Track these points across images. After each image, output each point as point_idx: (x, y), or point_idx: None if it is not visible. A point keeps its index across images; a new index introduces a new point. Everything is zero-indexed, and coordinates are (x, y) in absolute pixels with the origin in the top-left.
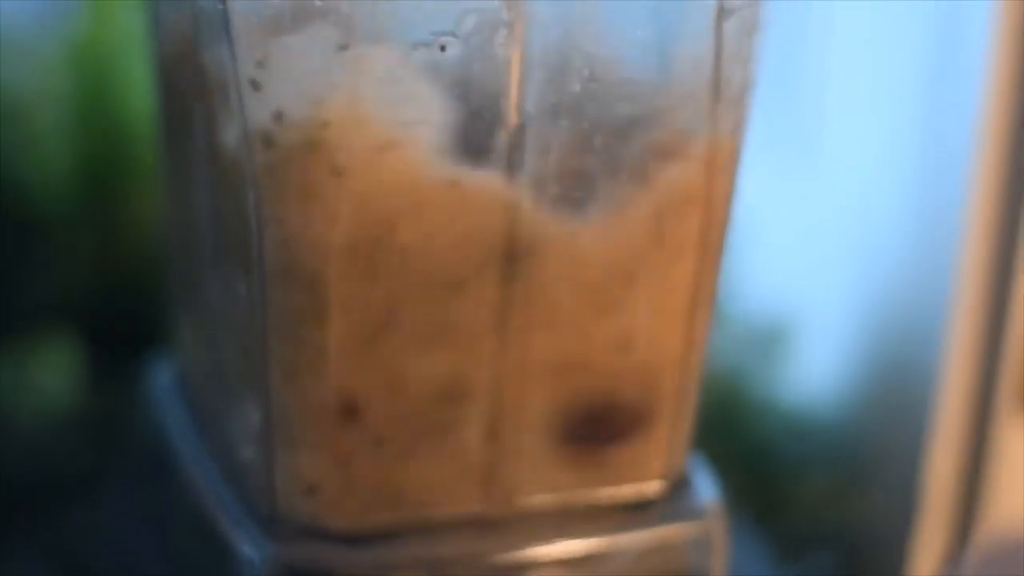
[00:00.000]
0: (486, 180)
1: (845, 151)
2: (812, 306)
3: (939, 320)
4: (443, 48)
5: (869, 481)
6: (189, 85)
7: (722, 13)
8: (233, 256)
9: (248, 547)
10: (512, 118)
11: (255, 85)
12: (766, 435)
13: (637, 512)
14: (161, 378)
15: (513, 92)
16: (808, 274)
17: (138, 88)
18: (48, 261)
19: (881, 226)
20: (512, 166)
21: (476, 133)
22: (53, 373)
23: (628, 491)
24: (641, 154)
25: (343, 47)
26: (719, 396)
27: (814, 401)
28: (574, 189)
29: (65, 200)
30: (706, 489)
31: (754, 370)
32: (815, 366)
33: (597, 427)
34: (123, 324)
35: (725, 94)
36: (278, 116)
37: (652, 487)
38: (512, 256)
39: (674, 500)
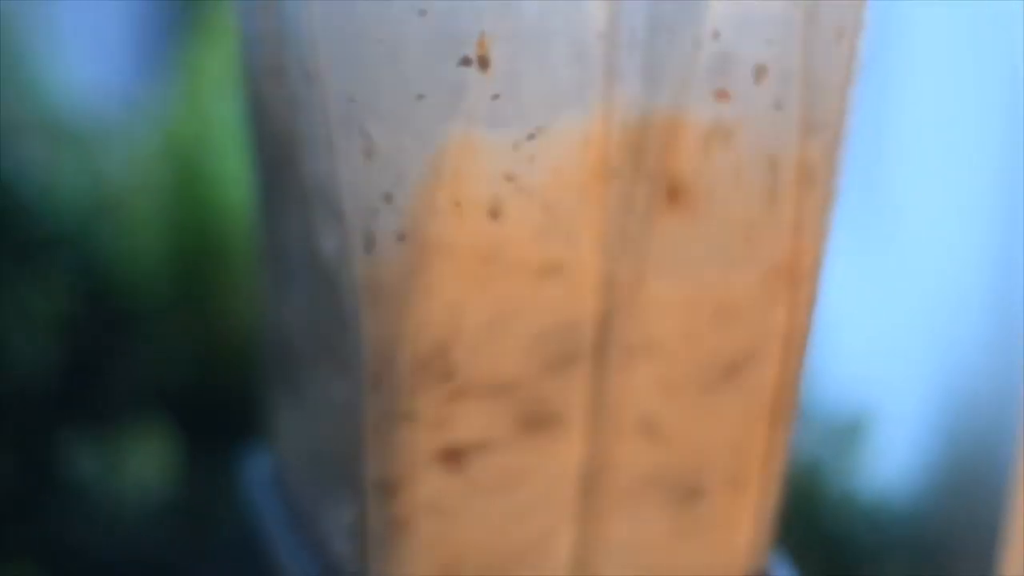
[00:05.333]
0: None
1: (923, 243)
2: (889, 397)
3: (1015, 410)
4: None
5: (946, 572)
6: (288, 190)
7: None
8: (329, 359)
9: None
10: None
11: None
12: (844, 527)
13: None
14: (257, 470)
15: None
16: (885, 366)
17: (231, 179)
18: (143, 350)
19: (958, 318)
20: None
21: None
22: (147, 462)
23: None
24: None
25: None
26: (797, 488)
27: (892, 492)
28: None
29: (160, 290)
30: None
31: (832, 462)
32: (893, 457)
33: None
34: (216, 414)
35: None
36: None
37: None
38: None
39: None
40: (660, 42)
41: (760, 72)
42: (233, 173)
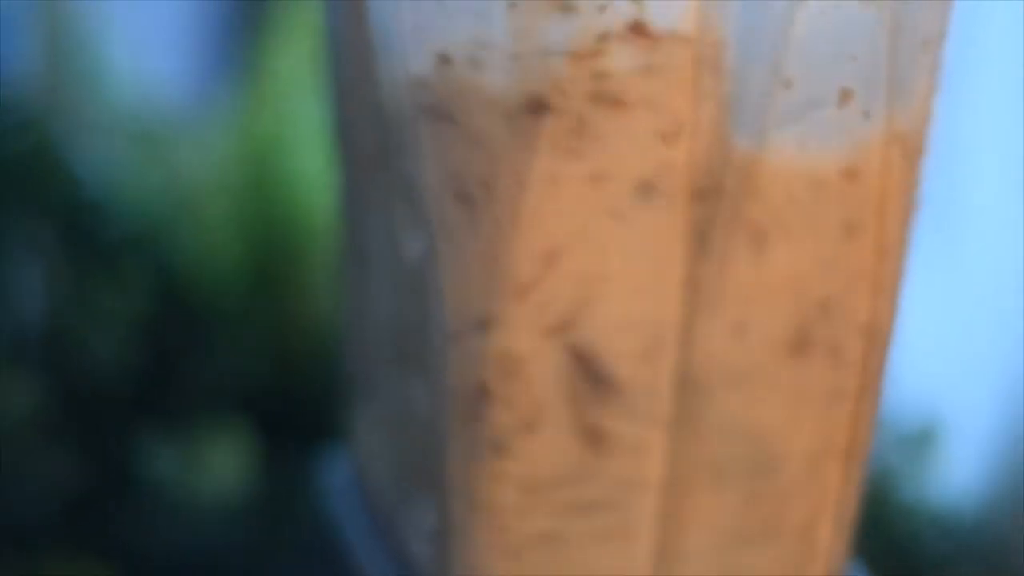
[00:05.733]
0: None
1: (992, 252)
2: (959, 405)
3: None
4: None
5: None
6: (373, 193)
7: None
8: (413, 362)
9: None
10: None
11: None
12: (914, 534)
13: None
14: (335, 473)
15: None
16: (955, 374)
17: (307, 180)
18: (219, 351)
19: None
20: None
21: None
22: (224, 462)
23: None
24: None
25: None
26: (867, 495)
27: (962, 499)
28: None
29: (236, 290)
30: None
31: (902, 469)
32: (962, 465)
33: None
34: (293, 415)
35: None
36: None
37: None
38: None
39: None
40: (747, 73)
41: (845, 95)
42: (309, 173)
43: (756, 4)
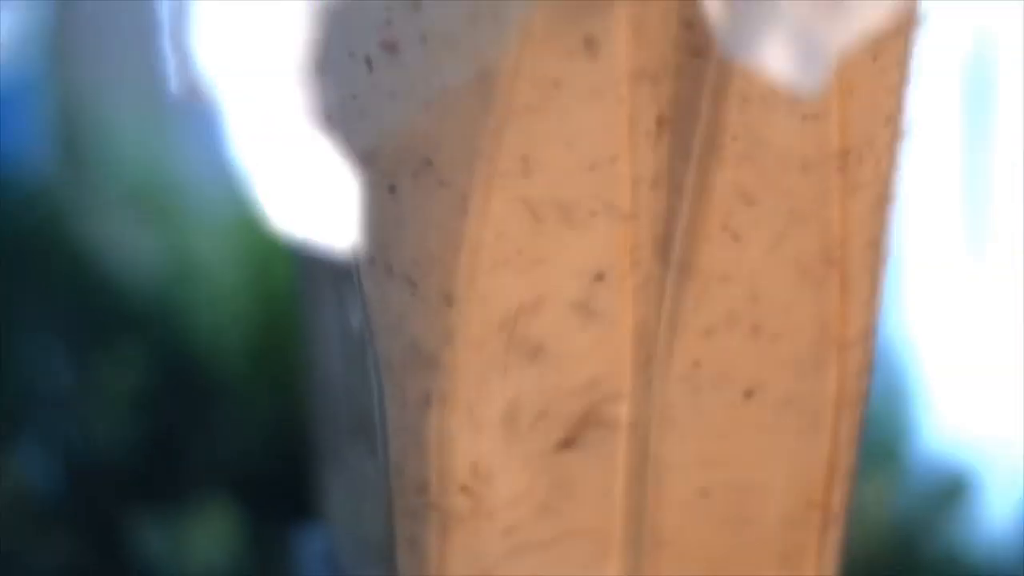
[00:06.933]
0: None
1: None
2: (991, 455)
3: None
4: None
5: None
6: (325, 264)
7: None
8: (361, 432)
9: None
10: None
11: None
12: None
13: None
14: (311, 548)
15: None
16: (986, 422)
17: None
18: (214, 427)
19: None
20: None
21: None
22: (212, 540)
23: None
24: None
25: None
26: (896, 550)
27: (995, 553)
28: None
29: (239, 366)
30: None
31: (932, 523)
32: (997, 517)
33: None
34: (285, 492)
35: None
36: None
37: None
38: None
39: None
40: None
41: None
42: None
43: None
